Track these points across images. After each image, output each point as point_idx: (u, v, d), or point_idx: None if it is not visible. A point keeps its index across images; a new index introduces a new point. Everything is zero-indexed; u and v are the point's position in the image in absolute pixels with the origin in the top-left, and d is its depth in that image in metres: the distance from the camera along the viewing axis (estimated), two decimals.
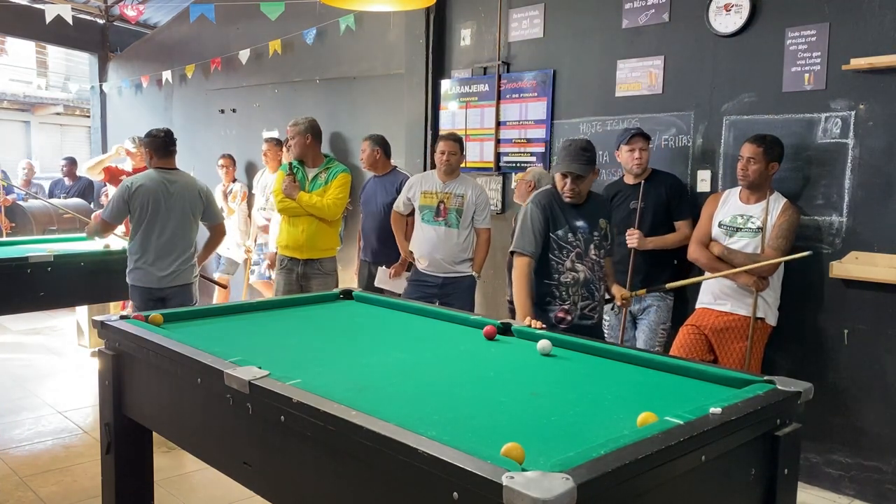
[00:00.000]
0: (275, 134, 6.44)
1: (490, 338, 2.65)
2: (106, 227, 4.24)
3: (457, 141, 4.46)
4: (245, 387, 1.90)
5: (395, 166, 5.15)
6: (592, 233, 3.33)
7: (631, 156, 3.87)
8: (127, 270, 4.12)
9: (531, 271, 3.25)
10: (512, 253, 3.33)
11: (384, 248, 4.91)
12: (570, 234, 3.28)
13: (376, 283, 4.94)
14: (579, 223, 3.31)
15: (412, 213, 4.64)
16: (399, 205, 4.69)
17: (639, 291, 3.68)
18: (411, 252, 4.62)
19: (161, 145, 4.10)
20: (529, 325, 2.73)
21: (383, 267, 4.92)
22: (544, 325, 2.80)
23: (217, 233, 4.41)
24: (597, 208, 3.40)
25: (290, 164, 4.53)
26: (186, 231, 4.14)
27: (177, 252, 4.09)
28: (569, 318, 3.26)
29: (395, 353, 2.47)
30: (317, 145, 4.62)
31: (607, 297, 3.57)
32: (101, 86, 8.76)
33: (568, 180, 3.23)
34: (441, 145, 4.42)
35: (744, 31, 3.76)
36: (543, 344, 2.44)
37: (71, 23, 6.88)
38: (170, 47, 7.74)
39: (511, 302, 3.45)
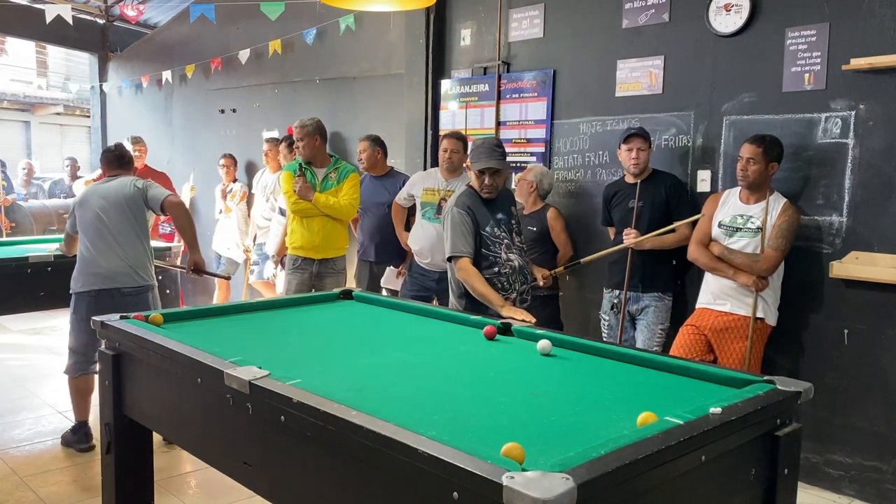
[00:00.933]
0: (275, 134, 6.45)
1: (490, 338, 2.65)
2: (67, 238, 4.10)
3: (460, 139, 4.48)
4: (245, 387, 1.90)
5: (392, 167, 5.16)
6: (511, 221, 3.55)
7: (629, 155, 3.88)
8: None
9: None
10: (449, 259, 3.40)
11: (387, 247, 4.93)
12: (496, 229, 3.45)
13: (382, 283, 4.95)
14: (500, 215, 3.49)
15: (412, 208, 4.66)
16: (400, 198, 4.73)
17: (556, 270, 3.85)
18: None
19: (112, 159, 4.02)
20: (522, 321, 2.78)
21: (391, 267, 4.96)
22: (532, 320, 2.84)
23: (171, 206, 3.80)
24: (506, 197, 3.60)
25: (301, 165, 4.53)
26: (130, 228, 3.80)
27: (120, 250, 3.76)
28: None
29: (395, 353, 2.47)
30: (324, 146, 4.64)
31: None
32: (101, 86, 8.76)
33: (486, 176, 3.38)
34: (445, 143, 4.45)
35: (744, 31, 3.76)
36: (543, 344, 2.44)
37: (71, 23, 6.89)
38: (170, 47, 7.74)
39: (463, 297, 3.51)
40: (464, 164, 4.56)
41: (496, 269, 3.40)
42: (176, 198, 3.92)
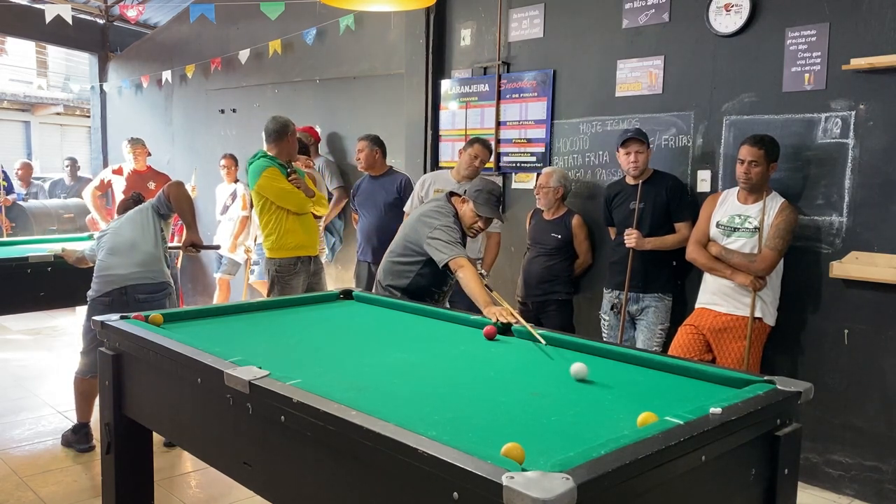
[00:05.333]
0: None
1: (490, 338, 2.65)
2: (83, 259, 4.15)
3: (488, 148, 4.55)
4: (245, 387, 1.90)
5: (391, 166, 5.15)
6: None
7: (627, 159, 3.88)
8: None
9: None
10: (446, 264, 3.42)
11: (386, 247, 4.90)
12: None
13: None
14: None
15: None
16: (413, 203, 4.67)
17: None
18: None
19: (131, 206, 4.09)
20: (502, 320, 2.77)
21: None
22: (514, 320, 2.81)
23: (170, 188, 3.93)
24: None
25: (289, 163, 4.50)
26: (142, 233, 3.87)
27: (133, 253, 3.80)
28: None
29: (395, 353, 2.47)
30: None
31: None
32: (101, 86, 8.76)
33: (482, 222, 3.58)
34: (476, 150, 4.51)
35: (744, 31, 3.76)
36: (578, 367, 2.15)
37: (71, 23, 6.88)
38: (170, 47, 7.74)
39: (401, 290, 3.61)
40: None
41: (451, 280, 3.62)
42: (174, 181, 4.04)
